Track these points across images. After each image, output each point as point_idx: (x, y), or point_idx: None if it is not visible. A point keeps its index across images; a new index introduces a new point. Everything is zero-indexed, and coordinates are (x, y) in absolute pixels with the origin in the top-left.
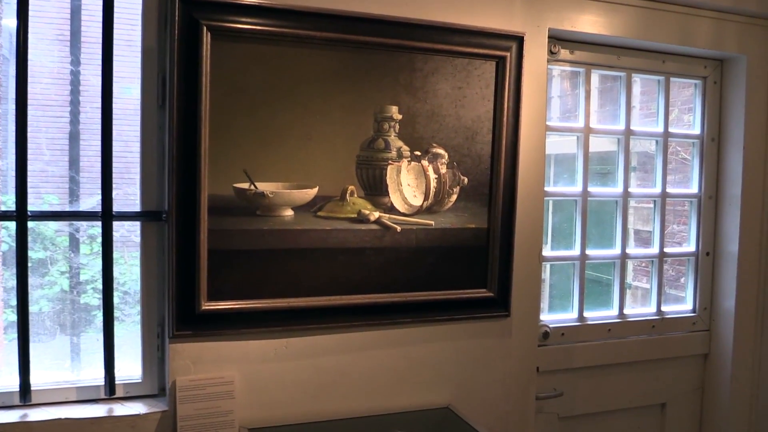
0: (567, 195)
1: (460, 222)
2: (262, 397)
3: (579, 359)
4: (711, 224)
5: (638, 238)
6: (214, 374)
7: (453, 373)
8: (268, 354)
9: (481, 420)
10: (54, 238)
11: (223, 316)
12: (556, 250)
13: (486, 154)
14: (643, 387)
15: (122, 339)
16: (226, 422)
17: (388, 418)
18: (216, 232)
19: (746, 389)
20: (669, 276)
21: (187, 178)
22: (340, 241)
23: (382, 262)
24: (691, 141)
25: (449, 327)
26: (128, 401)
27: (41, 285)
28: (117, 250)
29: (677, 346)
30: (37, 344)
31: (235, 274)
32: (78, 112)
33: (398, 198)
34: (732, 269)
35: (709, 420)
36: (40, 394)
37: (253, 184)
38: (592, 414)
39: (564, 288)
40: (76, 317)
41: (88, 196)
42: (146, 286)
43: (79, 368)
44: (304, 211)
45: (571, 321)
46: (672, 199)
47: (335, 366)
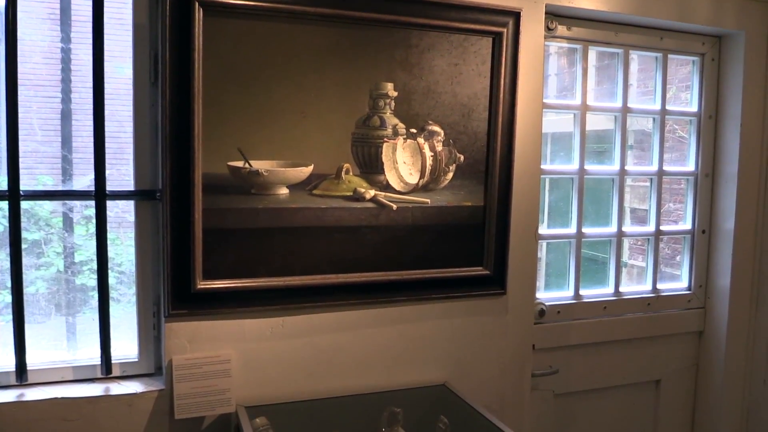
0: (563, 173)
1: (457, 200)
2: (259, 375)
3: (574, 337)
4: (707, 202)
5: (634, 217)
6: (211, 353)
7: (449, 351)
8: (264, 332)
9: (476, 397)
10: (49, 218)
11: (219, 295)
12: (552, 228)
13: (482, 132)
14: (638, 364)
15: (118, 319)
16: (223, 400)
17: (384, 395)
18: (210, 211)
19: (740, 366)
20: (665, 254)
21: (180, 157)
22: (336, 220)
23: (377, 240)
24: (688, 119)
25: (445, 305)
26: (125, 380)
27: (37, 266)
28: (112, 230)
29: (672, 323)
30: (33, 325)
31: (230, 253)
32: (69, 91)
33: (394, 176)
34: (728, 247)
35: (703, 396)
36: (37, 374)
37: (247, 162)
38: (587, 391)
39: (560, 266)
40: (71, 297)
41: (81, 175)
42: (141, 266)
43: (76, 348)
44: (299, 190)
45: (566, 299)
46: (668, 177)
47: (331, 344)
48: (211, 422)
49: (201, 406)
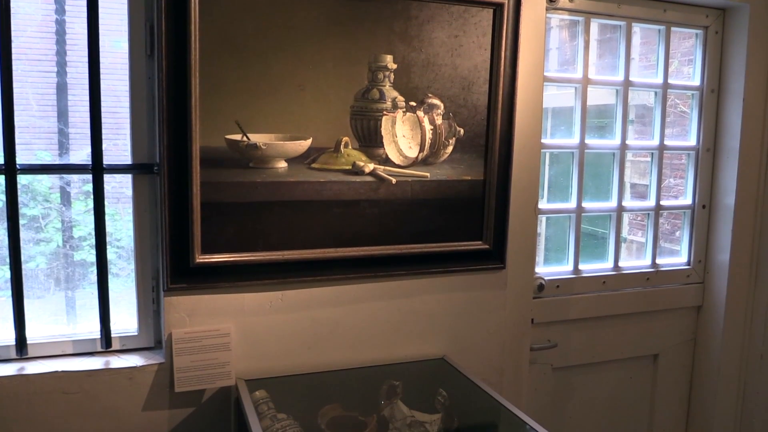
0: (564, 147)
1: (456, 174)
2: (258, 348)
3: (573, 311)
4: (708, 177)
5: (634, 192)
6: (210, 326)
7: (448, 325)
8: (263, 306)
9: (475, 370)
10: (48, 194)
11: (218, 268)
12: (552, 202)
13: (482, 105)
14: (636, 338)
15: (118, 293)
16: (223, 374)
17: (383, 369)
18: (209, 185)
19: (738, 341)
20: (664, 230)
21: (178, 130)
22: (335, 193)
23: (377, 214)
24: (690, 93)
25: (444, 279)
26: (124, 354)
27: (36, 241)
28: (111, 205)
29: (671, 298)
30: (33, 300)
31: (229, 226)
32: (65, 63)
33: (393, 149)
34: (727, 222)
35: (701, 371)
36: (37, 348)
37: (245, 136)
38: (585, 365)
39: (559, 241)
40: (70, 271)
41: (78, 149)
42: (140, 240)
43: (75, 322)
44: (298, 163)
45: (566, 273)
46: (669, 152)
47: (330, 318)
48: (211, 395)
49: (201, 380)
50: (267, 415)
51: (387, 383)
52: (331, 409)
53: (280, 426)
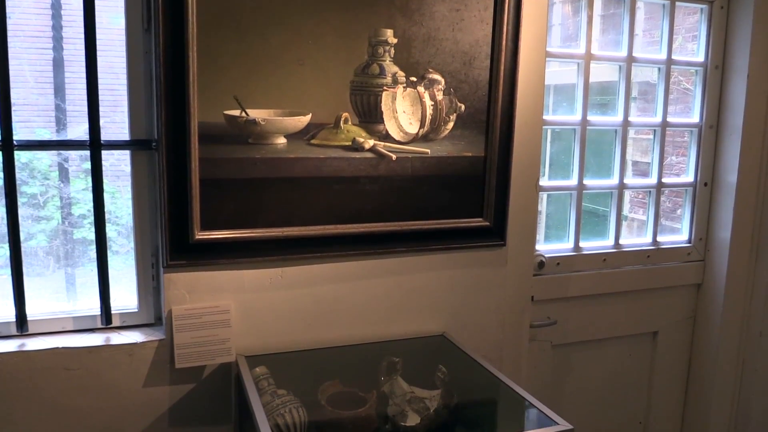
0: (566, 124)
1: (457, 150)
2: (258, 325)
3: (573, 289)
4: (710, 154)
5: (636, 170)
6: (210, 303)
7: (448, 302)
8: (263, 283)
9: (475, 347)
10: (48, 172)
11: (217, 245)
12: (553, 179)
13: (484, 80)
14: (635, 316)
15: (118, 270)
16: (223, 350)
17: (383, 345)
18: (207, 161)
19: (737, 318)
20: (665, 208)
21: (176, 105)
22: (335, 170)
23: (377, 190)
24: (694, 69)
25: (444, 256)
26: (125, 330)
27: (35, 218)
28: (112, 183)
29: (671, 276)
30: (34, 278)
31: (228, 203)
32: (61, 38)
33: (393, 125)
34: (729, 200)
35: (700, 348)
36: (37, 324)
37: (244, 111)
38: (584, 342)
39: (560, 218)
40: (69, 248)
41: (75, 125)
42: (139, 216)
43: (75, 299)
44: (297, 139)
45: (566, 251)
46: (672, 129)
47: (330, 295)
48: (211, 371)
49: (201, 356)
50: (267, 391)
51: (387, 359)
52: (331, 385)
53: (280, 402)
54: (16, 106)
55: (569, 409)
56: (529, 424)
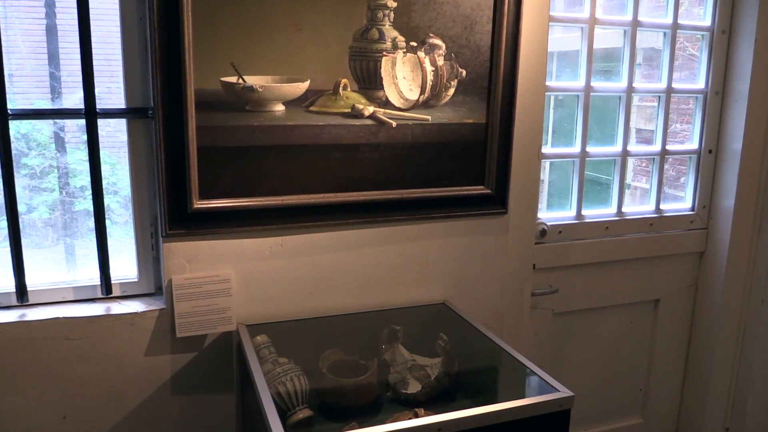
0: (569, 90)
1: (458, 117)
2: (259, 294)
3: (575, 257)
4: (716, 121)
5: (640, 138)
6: (210, 272)
7: (449, 270)
8: (263, 252)
9: (476, 315)
10: (48, 144)
11: (217, 214)
12: (556, 147)
13: (485, 45)
14: (637, 284)
15: (119, 241)
16: (224, 319)
17: (384, 313)
18: (205, 129)
19: (739, 286)
20: (669, 176)
21: (171, 72)
22: (334, 137)
23: (377, 158)
24: (700, 34)
25: (446, 224)
26: (125, 300)
27: (35, 189)
28: (112, 155)
29: (674, 244)
30: (35, 250)
31: (226, 172)
32: (53, 4)
33: (393, 92)
34: (734, 167)
35: (701, 316)
36: (37, 294)
37: (241, 78)
38: (585, 310)
39: (563, 186)
40: (68, 218)
41: (70, 93)
42: (137, 186)
43: (75, 270)
44: (296, 106)
45: (568, 219)
46: (677, 95)
47: (331, 263)
48: (212, 340)
49: (202, 325)
50: (268, 360)
51: (388, 327)
52: (332, 353)
53: (281, 370)
54: (9, 75)
55: (570, 376)
56: (530, 392)
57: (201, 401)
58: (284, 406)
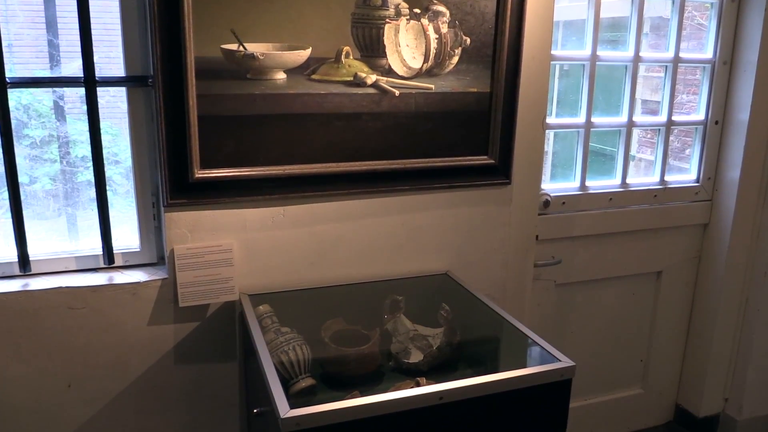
0: (575, 59)
1: (462, 86)
2: (261, 264)
3: (579, 228)
4: (723, 92)
5: (646, 109)
6: (212, 242)
7: (452, 241)
8: (265, 222)
9: (479, 286)
10: (50, 114)
11: (218, 184)
12: (560, 117)
13: (490, 12)
14: (640, 256)
15: (121, 211)
16: (227, 288)
17: (386, 284)
18: (205, 97)
19: (742, 259)
20: (674, 147)
21: (171, 39)
22: (336, 106)
23: (379, 127)
24: (709, 2)
25: (448, 194)
26: (128, 270)
27: (36, 158)
28: (114, 125)
29: (678, 215)
30: (38, 221)
31: (227, 140)
32: None
33: (396, 60)
34: (740, 139)
35: (703, 288)
36: (40, 264)
37: (241, 45)
38: (588, 281)
39: (567, 157)
40: (69, 188)
41: (69, 61)
42: (137, 155)
43: (77, 240)
44: (297, 74)
45: (572, 190)
46: (684, 65)
47: (333, 233)
48: (215, 310)
49: (205, 295)
50: (271, 329)
51: (390, 298)
52: (335, 322)
53: (284, 339)
54: (9, 45)
55: (571, 347)
56: (531, 362)
57: (204, 370)
58: (287, 375)
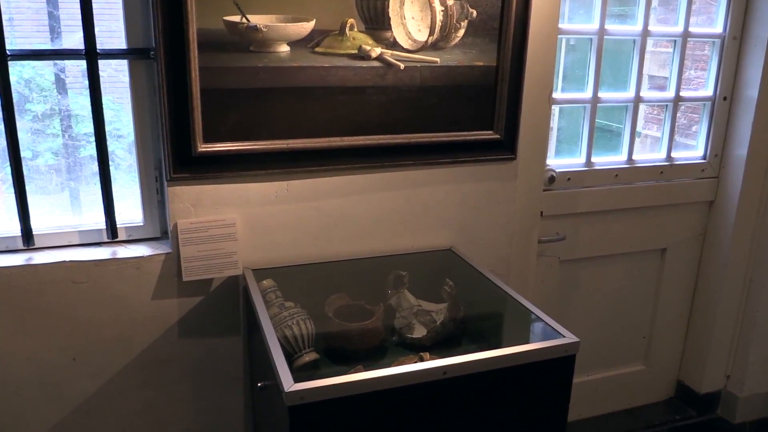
0: (582, 33)
1: (467, 59)
2: (265, 239)
3: (584, 204)
4: (732, 67)
5: (653, 85)
6: (216, 217)
7: (456, 216)
8: (268, 197)
9: (483, 262)
10: (52, 89)
11: (221, 158)
12: (567, 92)
13: None
14: (645, 233)
15: (124, 186)
16: (230, 263)
17: (390, 259)
18: (208, 70)
19: (748, 236)
20: (680, 124)
21: (173, 11)
22: (340, 79)
23: (384, 101)
24: None
25: (453, 169)
26: (131, 244)
27: (43, 136)
28: (116, 101)
29: (684, 192)
30: (41, 195)
31: (230, 114)
32: None
33: (401, 32)
34: (749, 115)
35: (708, 265)
36: (43, 238)
37: (244, 17)
38: (592, 258)
39: (572, 133)
40: (71, 161)
41: (70, 33)
42: (140, 129)
43: (81, 214)
44: (301, 47)
45: (578, 166)
46: (693, 39)
47: (337, 208)
48: (219, 284)
49: (208, 269)
50: (275, 304)
51: (394, 273)
52: (338, 297)
53: (288, 314)
54: (7, 16)
55: (574, 323)
56: (535, 337)
57: (208, 344)
58: (291, 350)
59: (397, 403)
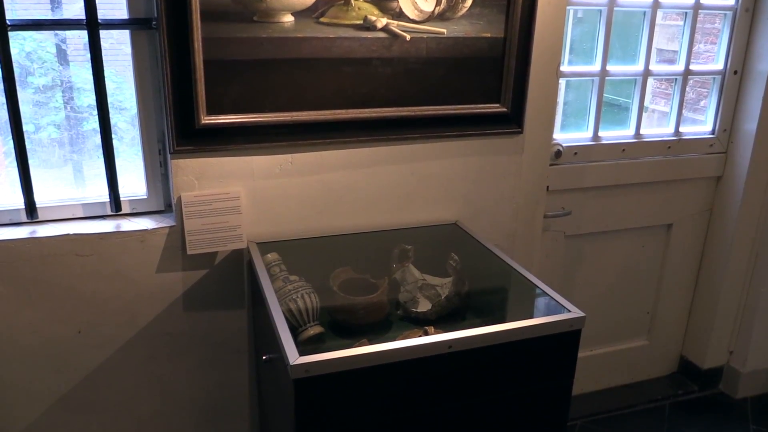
0: (592, 4)
1: (475, 30)
2: (269, 212)
3: (590, 179)
4: (743, 41)
5: (661, 58)
6: (220, 190)
7: (462, 190)
8: (273, 170)
9: (488, 236)
10: (54, 61)
11: (225, 130)
12: (574, 65)
13: None
14: (651, 208)
15: (127, 159)
16: (234, 236)
17: (395, 233)
18: (211, 41)
19: (755, 212)
20: (689, 98)
21: None
22: (345, 51)
23: (390, 73)
24: None
25: (459, 143)
26: (135, 217)
27: (44, 106)
28: (119, 74)
29: (691, 167)
30: (44, 169)
31: (234, 86)
32: None
33: (408, 3)
34: (759, 90)
35: (714, 241)
36: (47, 211)
37: None
38: (598, 233)
39: (580, 107)
40: (74, 134)
41: (70, 2)
42: (143, 101)
43: (84, 187)
44: (306, 17)
45: (585, 140)
46: (704, 11)
47: (342, 182)
48: (223, 258)
49: (213, 242)
50: (279, 277)
51: (399, 247)
52: (343, 271)
53: (292, 287)
54: None
55: (578, 298)
56: (540, 312)
57: (213, 317)
58: (295, 323)
59: (402, 376)
